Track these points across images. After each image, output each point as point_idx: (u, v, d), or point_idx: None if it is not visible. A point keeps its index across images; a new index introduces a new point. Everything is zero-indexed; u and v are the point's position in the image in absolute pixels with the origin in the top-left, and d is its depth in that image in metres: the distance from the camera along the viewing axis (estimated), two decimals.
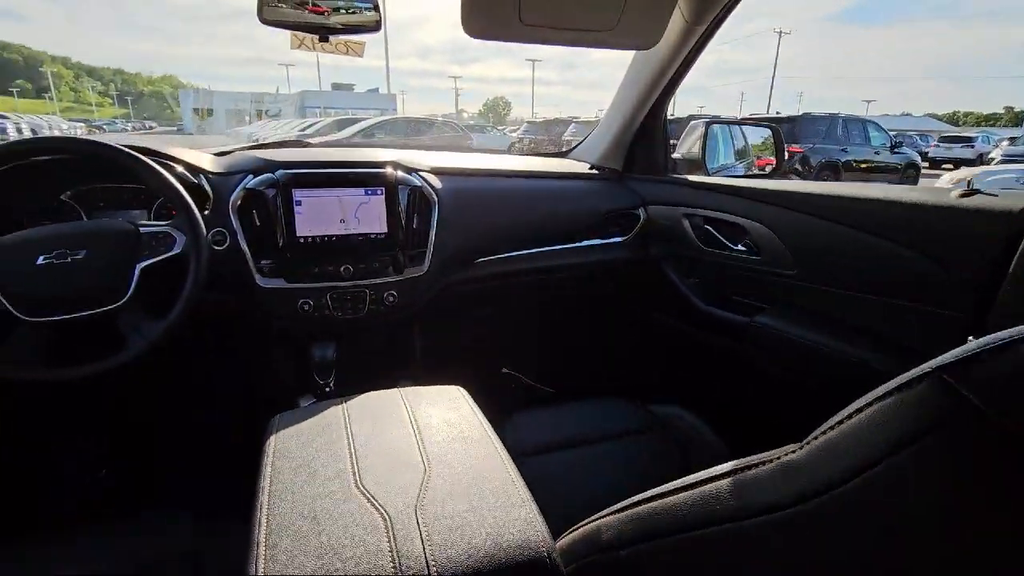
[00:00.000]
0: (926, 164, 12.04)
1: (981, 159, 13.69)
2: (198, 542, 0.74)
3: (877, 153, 9.18)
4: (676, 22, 1.10)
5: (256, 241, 1.04)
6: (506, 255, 1.29)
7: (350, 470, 0.55)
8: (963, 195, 0.79)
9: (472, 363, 1.57)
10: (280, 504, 0.50)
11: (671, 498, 0.38)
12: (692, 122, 1.47)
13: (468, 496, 0.51)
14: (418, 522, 0.47)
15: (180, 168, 1.02)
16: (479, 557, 0.44)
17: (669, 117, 1.43)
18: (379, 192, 1.10)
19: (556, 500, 0.89)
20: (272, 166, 1.08)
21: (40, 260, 0.79)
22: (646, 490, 0.41)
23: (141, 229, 0.87)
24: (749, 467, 0.34)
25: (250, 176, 1.06)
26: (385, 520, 0.47)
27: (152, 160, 0.92)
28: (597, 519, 0.46)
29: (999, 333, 0.26)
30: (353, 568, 0.42)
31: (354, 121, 10.71)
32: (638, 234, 1.39)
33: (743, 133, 1.76)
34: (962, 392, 0.24)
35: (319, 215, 1.07)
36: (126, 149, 0.86)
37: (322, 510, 0.49)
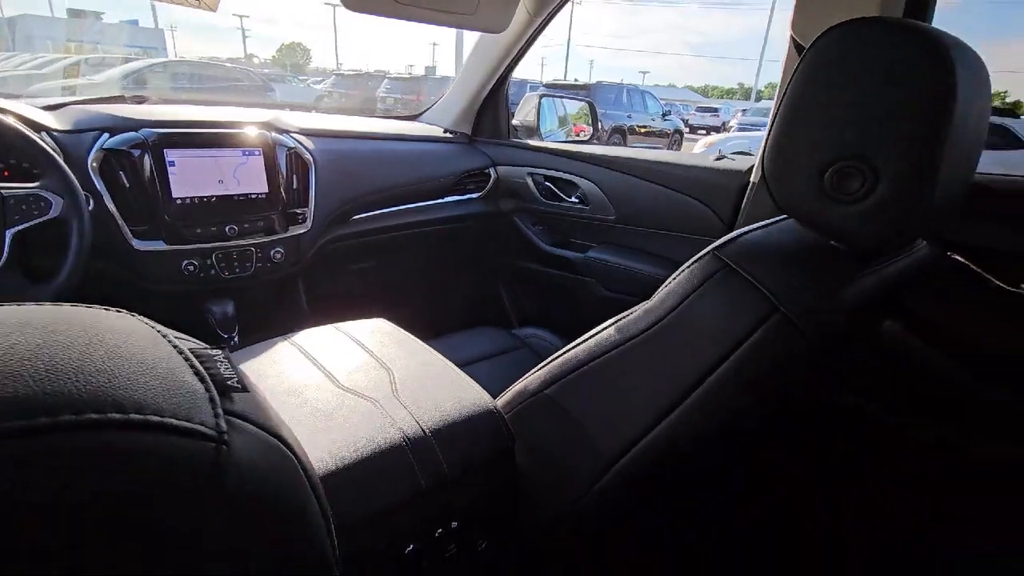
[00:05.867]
0: (687, 130, 14.51)
1: (724, 126, 16.96)
2: None
3: (653, 120, 10.80)
4: (520, 12, 1.32)
5: (128, 203, 1.01)
6: (379, 212, 1.42)
7: (328, 378, 0.68)
8: (717, 159, 1.18)
9: (356, 311, 1.68)
10: (289, 408, 0.62)
11: (579, 347, 0.63)
12: (527, 94, 1.72)
13: (429, 383, 0.69)
14: (400, 402, 0.64)
15: (11, 120, 0.94)
16: (450, 415, 0.63)
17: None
18: (256, 153, 1.14)
19: None
20: (133, 124, 1.04)
21: None
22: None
23: (4, 193, 0.81)
24: (628, 315, 0.59)
25: (106, 135, 1.01)
26: (375, 404, 0.63)
27: None
28: (523, 379, 0.69)
29: (732, 233, 0.54)
30: (369, 440, 0.58)
31: (109, 64, 8.80)
32: (491, 191, 1.62)
33: (563, 104, 2.08)
34: (721, 257, 0.52)
35: (196, 176, 1.07)
36: None
37: (325, 404, 0.63)
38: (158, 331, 0.24)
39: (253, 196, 1.13)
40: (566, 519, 0.64)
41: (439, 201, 1.54)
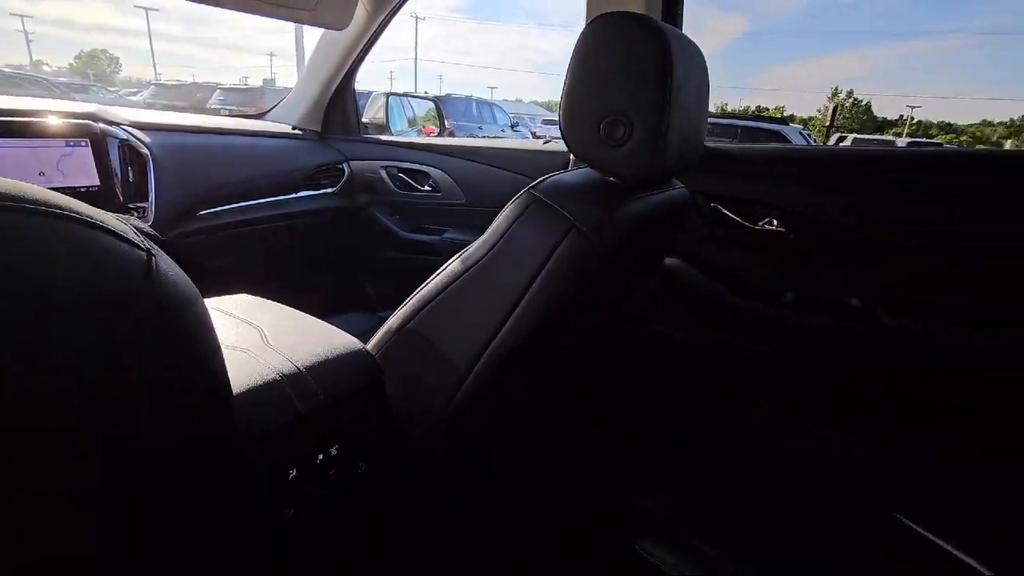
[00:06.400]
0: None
1: None
2: None
3: (503, 131, 11.36)
4: (360, 11, 1.40)
5: None
6: (229, 207, 1.40)
7: None
8: (545, 143, 1.38)
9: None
10: None
11: (432, 282, 0.74)
12: (375, 93, 1.80)
13: (299, 334, 0.75)
14: (273, 349, 0.70)
15: None
16: (322, 354, 0.70)
17: None
18: (83, 144, 1.08)
19: None
20: None
21: None
22: None
23: None
24: (468, 249, 0.72)
25: None
26: (248, 353, 0.68)
27: None
28: (388, 322, 0.78)
29: (543, 177, 0.69)
30: (246, 378, 0.63)
31: None
32: (346, 185, 1.67)
33: (411, 105, 2.19)
34: (535, 193, 0.67)
35: (10, 168, 0.99)
36: None
37: None
38: None
39: (82, 190, 1.07)
40: (431, 436, 0.74)
41: (293, 196, 1.55)
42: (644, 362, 1.15)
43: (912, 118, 43.95)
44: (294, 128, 1.68)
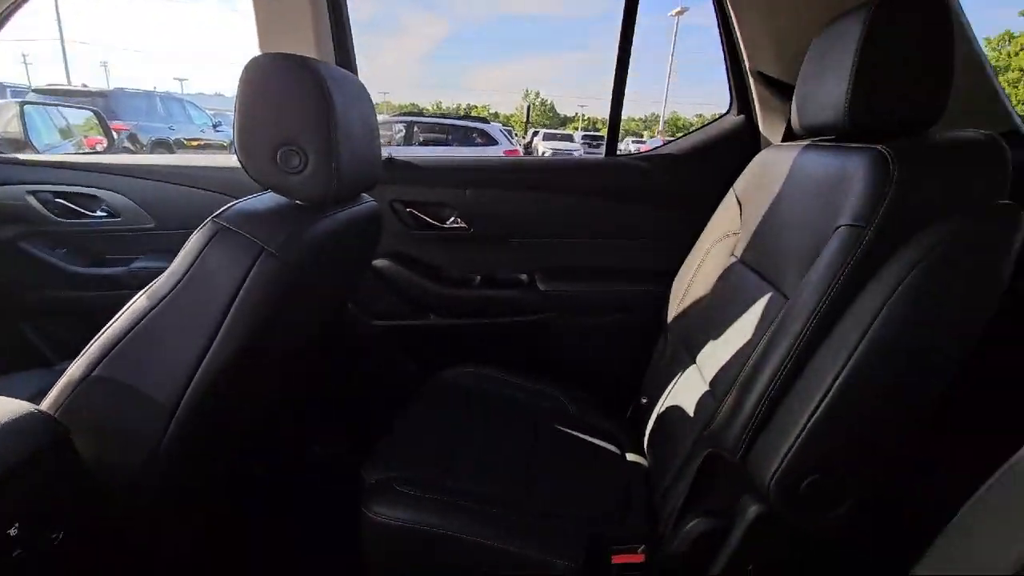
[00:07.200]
0: None
1: None
2: None
3: (203, 131, 9.96)
4: None
5: None
6: None
7: None
8: None
9: None
10: None
11: (116, 323, 0.70)
12: (4, 100, 1.45)
13: None
14: None
15: None
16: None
17: None
18: None
19: None
20: None
21: None
22: None
23: None
24: (155, 283, 0.71)
25: None
26: None
27: None
28: (65, 374, 0.71)
29: (228, 204, 0.73)
30: None
31: None
32: None
33: (62, 113, 1.82)
34: (219, 222, 0.70)
35: None
36: None
37: None
38: None
39: None
40: (141, 482, 0.72)
41: None
42: (364, 352, 1.27)
43: (584, 115, 54.07)
44: None
